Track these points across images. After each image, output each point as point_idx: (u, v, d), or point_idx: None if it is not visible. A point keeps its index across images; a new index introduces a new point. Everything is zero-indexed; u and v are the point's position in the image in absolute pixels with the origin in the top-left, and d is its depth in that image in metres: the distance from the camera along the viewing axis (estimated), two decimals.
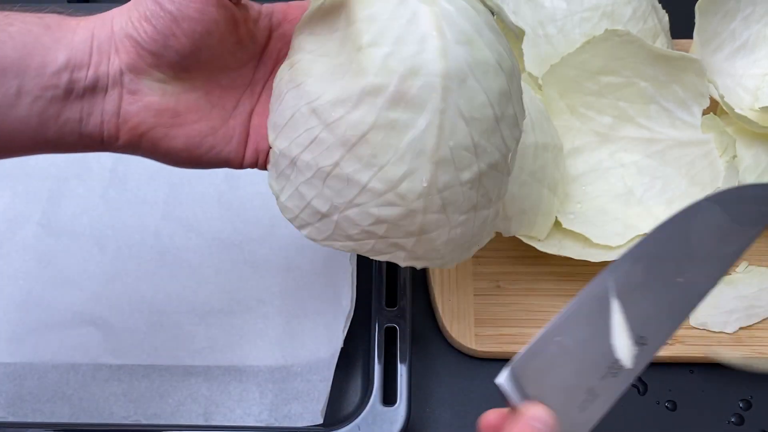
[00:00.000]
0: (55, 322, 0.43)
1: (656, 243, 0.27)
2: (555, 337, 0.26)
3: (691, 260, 0.27)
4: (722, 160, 0.40)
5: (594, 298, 0.26)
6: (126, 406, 0.40)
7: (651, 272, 0.27)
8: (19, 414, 0.40)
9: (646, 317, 0.26)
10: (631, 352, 0.26)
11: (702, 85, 0.39)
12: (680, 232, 0.27)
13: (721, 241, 0.28)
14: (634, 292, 0.26)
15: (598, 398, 0.26)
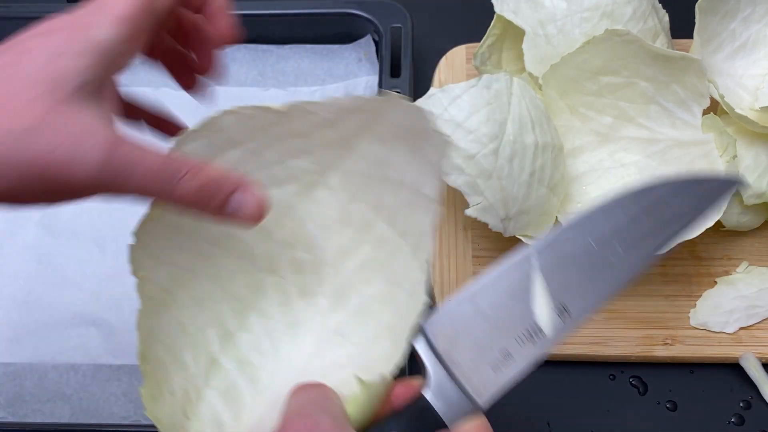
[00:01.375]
0: (55, 322, 0.43)
1: (587, 221, 0.28)
2: (471, 300, 0.27)
3: (621, 241, 0.28)
4: (722, 160, 0.40)
5: (515, 267, 0.27)
6: (126, 406, 0.40)
7: (579, 248, 0.27)
8: (19, 414, 0.40)
9: (569, 289, 0.27)
10: (550, 319, 0.27)
11: (702, 85, 0.39)
12: (614, 212, 0.28)
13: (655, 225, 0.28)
14: (560, 265, 0.27)
15: (512, 361, 0.27)
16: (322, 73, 0.52)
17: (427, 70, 0.53)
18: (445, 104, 0.39)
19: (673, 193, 0.29)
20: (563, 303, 0.27)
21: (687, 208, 0.29)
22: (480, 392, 0.27)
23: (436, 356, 0.26)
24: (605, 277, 0.28)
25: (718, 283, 0.44)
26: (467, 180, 0.38)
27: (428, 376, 0.26)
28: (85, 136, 0.22)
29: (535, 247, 0.27)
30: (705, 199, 0.29)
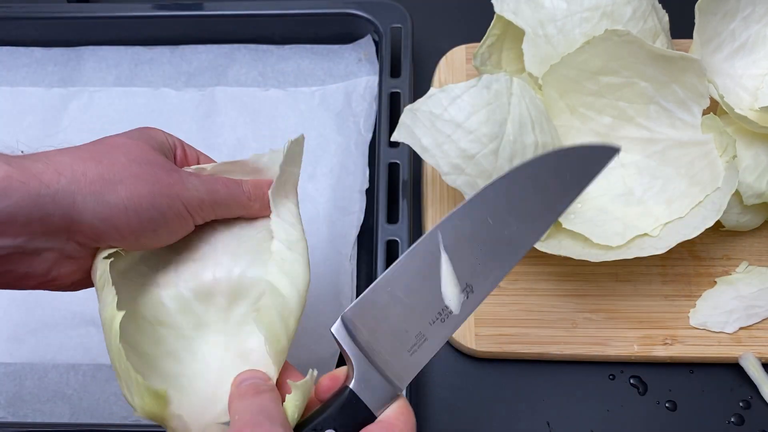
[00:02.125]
0: (55, 322, 0.43)
1: (482, 200, 0.29)
2: (386, 288, 0.28)
3: (515, 215, 0.29)
4: (722, 160, 0.40)
5: (424, 251, 0.28)
6: (126, 406, 0.40)
7: (478, 226, 0.29)
8: (19, 414, 0.40)
9: (473, 267, 0.29)
10: (458, 299, 0.28)
11: (702, 85, 0.39)
12: (505, 189, 0.29)
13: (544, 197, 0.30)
14: (462, 244, 0.29)
15: (426, 342, 0.28)
16: (322, 73, 0.52)
17: (427, 70, 0.53)
18: (445, 104, 0.39)
19: (557, 164, 0.30)
20: (468, 282, 0.29)
21: (572, 178, 0.30)
22: (400, 376, 0.28)
23: (358, 347, 0.27)
24: (504, 252, 0.29)
25: (718, 283, 0.44)
26: (467, 180, 0.38)
27: (352, 367, 0.27)
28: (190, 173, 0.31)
29: (439, 228, 0.29)
30: (588, 168, 0.31)
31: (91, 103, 0.51)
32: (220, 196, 0.30)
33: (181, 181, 0.29)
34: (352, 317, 0.28)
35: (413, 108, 0.39)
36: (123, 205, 0.27)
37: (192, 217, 0.29)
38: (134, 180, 0.27)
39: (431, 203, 0.46)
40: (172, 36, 0.53)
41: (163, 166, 0.29)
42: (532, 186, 0.30)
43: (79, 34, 0.53)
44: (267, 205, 0.31)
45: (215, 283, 0.30)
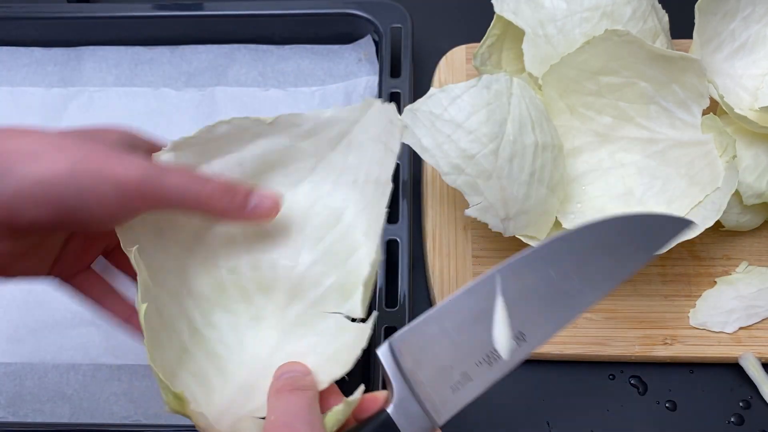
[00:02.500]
0: (55, 322, 0.43)
1: (548, 251, 0.29)
2: (438, 321, 0.28)
3: (579, 274, 0.29)
4: (722, 160, 0.40)
5: (481, 291, 0.28)
6: (126, 406, 0.40)
7: (539, 276, 0.29)
8: (19, 414, 0.40)
9: (528, 316, 0.28)
10: (508, 346, 0.28)
11: (702, 85, 0.39)
12: (574, 245, 0.29)
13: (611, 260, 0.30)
14: (521, 291, 0.28)
15: (470, 382, 0.28)
16: (322, 73, 0.52)
17: (427, 70, 0.53)
18: (445, 104, 0.39)
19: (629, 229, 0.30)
20: (521, 330, 0.28)
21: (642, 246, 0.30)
22: (439, 411, 0.28)
23: (401, 373, 0.27)
24: (562, 307, 0.29)
25: (718, 283, 0.44)
26: (467, 180, 0.38)
27: (392, 392, 0.27)
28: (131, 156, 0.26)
29: (500, 272, 0.29)
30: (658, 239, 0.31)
31: (91, 103, 0.51)
32: (164, 182, 0.26)
33: (117, 160, 0.25)
34: (400, 343, 0.27)
35: (413, 108, 0.39)
36: (36, 178, 0.23)
37: (124, 200, 0.25)
38: (57, 152, 0.24)
39: (431, 203, 0.46)
40: (172, 36, 0.53)
41: (103, 144, 0.25)
42: (600, 246, 0.29)
43: (79, 34, 0.53)
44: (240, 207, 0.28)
45: (276, 279, 0.30)
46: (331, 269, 0.30)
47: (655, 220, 0.31)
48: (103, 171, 0.24)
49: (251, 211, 0.28)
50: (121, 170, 0.25)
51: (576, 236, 0.29)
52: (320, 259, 0.31)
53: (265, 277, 0.30)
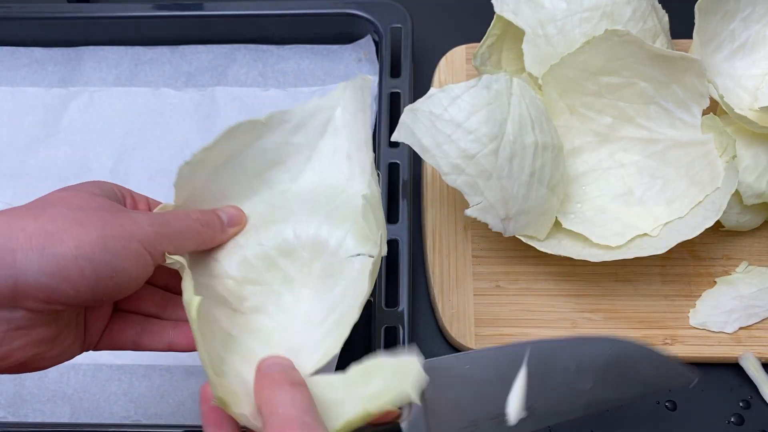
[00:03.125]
0: None
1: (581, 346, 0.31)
2: (466, 364, 0.29)
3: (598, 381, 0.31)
4: (722, 160, 0.40)
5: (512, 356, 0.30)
6: (126, 406, 0.40)
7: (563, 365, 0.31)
8: (19, 414, 0.40)
9: (544, 394, 0.30)
10: (517, 413, 0.30)
11: (702, 85, 0.39)
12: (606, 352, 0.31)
13: (622, 381, 0.32)
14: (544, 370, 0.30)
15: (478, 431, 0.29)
16: (322, 73, 0.52)
17: (427, 70, 0.53)
18: (445, 104, 0.39)
19: (642, 363, 0.32)
20: (533, 405, 0.30)
21: (652, 379, 0.32)
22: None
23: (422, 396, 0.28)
24: (571, 399, 0.31)
25: (718, 283, 0.44)
26: (467, 180, 0.38)
27: (410, 411, 0.28)
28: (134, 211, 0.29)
29: (532, 349, 0.30)
30: (665, 378, 0.33)
31: (91, 103, 0.51)
32: (172, 228, 0.28)
33: (131, 220, 0.27)
34: (428, 370, 0.27)
35: (413, 108, 0.39)
36: (72, 254, 0.24)
37: (150, 254, 0.27)
38: (80, 227, 0.24)
39: (431, 203, 0.47)
40: (172, 36, 0.53)
41: (109, 209, 0.27)
42: (612, 366, 0.31)
43: (79, 34, 0.53)
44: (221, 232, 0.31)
45: (297, 240, 0.32)
46: (344, 219, 0.32)
47: (671, 366, 0.33)
48: (124, 233, 0.26)
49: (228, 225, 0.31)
50: (138, 228, 0.27)
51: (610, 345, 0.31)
52: (332, 214, 0.33)
53: (285, 241, 0.32)
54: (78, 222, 0.25)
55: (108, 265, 0.25)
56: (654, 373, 0.32)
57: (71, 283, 0.24)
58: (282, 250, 0.32)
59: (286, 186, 0.34)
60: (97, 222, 0.25)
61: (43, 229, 0.24)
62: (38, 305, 0.25)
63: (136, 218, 0.27)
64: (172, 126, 0.50)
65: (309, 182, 0.34)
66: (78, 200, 0.26)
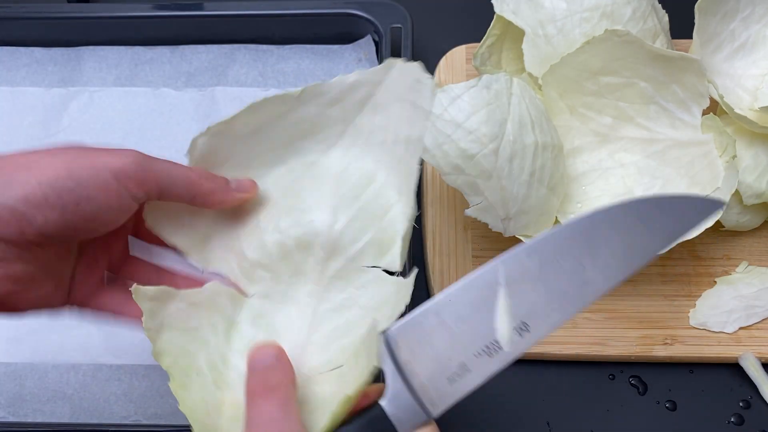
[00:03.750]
0: (55, 323, 0.43)
1: (557, 238, 0.28)
2: (435, 312, 0.27)
3: (591, 259, 0.27)
4: (722, 160, 0.40)
5: (482, 283, 0.27)
6: (126, 406, 0.40)
7: (546, 264, 0.27)
8: (19, 414, 0.40)
9: (533, 306, 0.27)
10: (510, 337, 0.27)
11: (701, 85, 0.39)
12: (585, 230, 0.27)
13: (627, 246, 0.28)
14: (525, 280, 0.27)
15: (469, 374, 0.27)
16: (322, 73, 0.52)
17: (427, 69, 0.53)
18: (445, 104, 0.39)
19: (649, 212, 0.28)
20: (525, 320, 0.27)
21: (662, 228, 0.28)
22: (435, 403, 0.27)
23: (396, 366, 0.27)
24: (570, 295, 0.27)
25: (718, 282, 0.44)
26: (467, 180, 0.39)
27: (386, 385, 0.27)
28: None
29: (503, 260, 0.27)
30: (682, 221, 0.28)
31: (91, 103, 0.51)
32: (160, 167, 0.28)
33: (109, 153, 0.26)
34: (396, 335, 0.27)
35: None
36: (36, 181, 0.25)
37: (127, 188, 0.26)
38: (50, 157, 0.25)
39: (431, 203, 0.47)
40: (172, 36, 0.53)
41: (90, 148, 0.27)
42: (616, 231, 0.27)
43: (79, 34, 0.53)
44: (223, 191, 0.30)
45: (316, 236, 0.31)
46: (368, 226, 0.31)
47: (676, 201, 0.29)
48: (97, 163, 0.26)
49: (235, 189, 0.31)
50: (116, 159, 0.26)
51: (587, 221, 0.27)
52: (356, 216, 0.31)
53: (305, 233, 0.31)
54: (49, 154, 0.26)
55: (71, 192, 0.25)
56: (664, 219, 0.28)
57: (38, 209, 0.25)
58: (300, 243, 0.31)
59: (315, 157, 0.33)
60: (69, 154, 0.26)
61: (15, 161, 0.25)
62: (12, 233, 0.25)
63: (118, 153, 0.27)
64: (172, 126, 0.50)
65: (339, 161, 0.33)
66: (71, 145, 0.27)
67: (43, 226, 0.25)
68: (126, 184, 0.27)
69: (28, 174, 0.25)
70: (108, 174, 0.26)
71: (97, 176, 0.26)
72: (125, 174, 0.26)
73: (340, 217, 0.31)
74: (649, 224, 0.28)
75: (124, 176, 0.26)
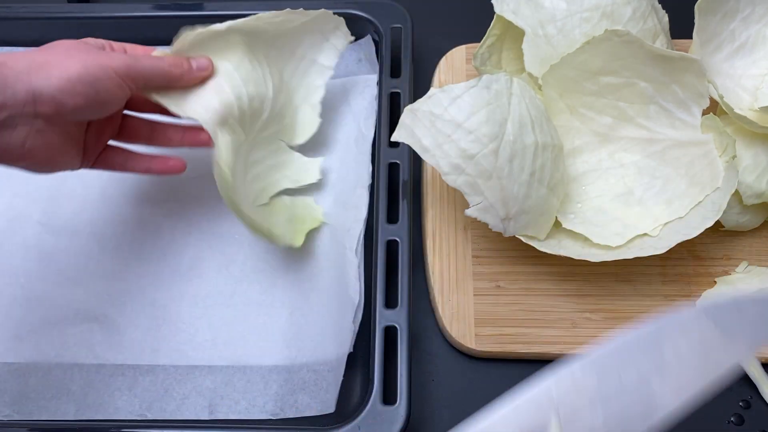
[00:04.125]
0: (58, 320, 0.44)
1: (619, 350, 0.24)
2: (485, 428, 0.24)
3: (660, 375, 0.24)
4: (722, 160, 0.40)
5: (532, 404, 0.24)
6: (131, 401, 0.41)
7: (606, 381, 0.24)
8: (24, 411, 0.41)
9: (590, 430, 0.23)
10: None
11: (701, 85, 0.40)
12: (651, 340, 0.24)
13: (705, 358, 0.24)
14: (581, 402, 0.24)
15: None
16: None
17: (427, 70, 0.53)
18: (445, 104, 0.39)
19: (727, 317, 0.24)
20: None
21: (744, 335, 0.24)
22: None
23: None
24: (634, 419, 0.23)
25: (718, 283, 0.44)
26: (467, 180, 0.39)
27: None
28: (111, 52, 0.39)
29: (556, 378, 0.24)
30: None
31: None
32: (141, 64, 0.38)
33: (108, 56, 0.37)
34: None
35: (413, 108, 0.40)
36: (65, 76, 0.35)
37: (124, 81, 0.37)
38: (69, 59, 0.36)
39: (431, 203, 0.47)
40: (172, 36, 0.53)
41: (93, 50, 0.37)
42: (688, 339, 0.23)
43: (79, 34, 0.53)
44: (188, 72, 0.40)
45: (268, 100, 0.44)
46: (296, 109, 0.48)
47: (760, 303, 0.25)
48: (102, 63, 0.36)
49: (197, 70, 0.40)
50: (113, 61, 0.37)
51: (654, 330, 0.24)
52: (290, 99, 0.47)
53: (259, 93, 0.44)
54: (68, 56, 0.36)
55: (91, 85, 0.36)
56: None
57: (70, 96, 0.35)
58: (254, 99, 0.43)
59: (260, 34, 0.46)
60: (82, 55, 0.36)
61: (45, 59, 0.35)
62: (50, 112, 0.35)
63: (113, 55, 0.37)
64: None
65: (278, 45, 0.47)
66: (69, 44, 0.37)
67: (72, 108, 0.36)
68: (124, 80, 0.37)
69: (58, 70, 0.35)
70: (112, 72, 0.36)
71: (105, 73, 0.36)
72: (122, 72, 0.37)
73: (280, 96, 0.45)
74: (729, 331, 0.24)
75: (122, 74, 0.37)
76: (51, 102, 0.35)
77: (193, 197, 0.48)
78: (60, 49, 0.36)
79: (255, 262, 0.45)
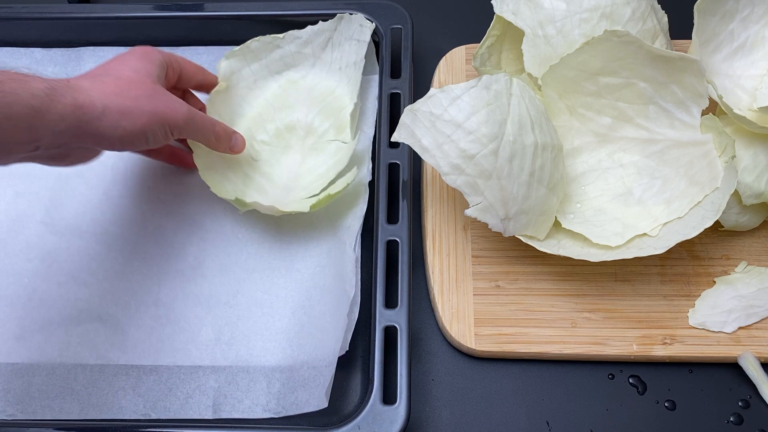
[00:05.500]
0: (61, 320, 0.45)
1: None
2: None
3: None
4: (721, 161, 0.41)
5: None
6: (135, 400, 0.41)
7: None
8: (28, 411, 0.41)
9: None
10: None
11: (701, 85, 0.40)
12: None
13: None
14: None
15: None
16: None
17: (427, 70, 0.54)
18: (445, 105, 0.39)
19: None
20: None
21: None
22: None
23: None
24: None
25: (717, 282, 0.45)
26: (467, 180, 0.39)
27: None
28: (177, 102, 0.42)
29: None
30: None
31: None
32: (195, 127, 0.43)
33: (173, 107, 0.41)
34: None
35: (413, 108, 0.40)
36: (128, 128, 0.39)
37: (172, 134, 0.42)
38: (143, 105, 0.39)
39: (431, 203, 0.48)
40: (172, 36, 0.54)
41: (162, 94, 0.41)
42: None
43: (79, 34, 0.55)
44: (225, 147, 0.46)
45: (298, 122, 0.51)
46: (329, 116, 0.51)
47: None
48: (167, 119, 0.41)
49: (233, 147, 0.47)
50: (178, 117, 0.41)
51: None
52: (322, 112, 0.51)
53: (291, 122, 0.51)
54: (148, 101, 0.40)
55: (145, 136, 0.40)
56: None
57: (125, 144, 0.40)
58: (288, 127, 0.51)
59: (296, 79, 0.52)
60: (154, 104, 0.40)
61: (119, 109, 0.38)
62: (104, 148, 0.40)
63: (178, 107, 0.42)
64: None
65: (312, 81, 0.52)
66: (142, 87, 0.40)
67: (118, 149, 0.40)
68: (174, 132, 0.42)
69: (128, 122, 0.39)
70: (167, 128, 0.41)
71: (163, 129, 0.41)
72: (177, 128, 0.41)
73: (312, 111, 0.51)
74: None
75: (177, 128, 0.41)
76: (107, 144, 0.39)
77: (197, 197, 0.49)
78: (143, 88, 0.40)
79: (257, 261, 0.46)
